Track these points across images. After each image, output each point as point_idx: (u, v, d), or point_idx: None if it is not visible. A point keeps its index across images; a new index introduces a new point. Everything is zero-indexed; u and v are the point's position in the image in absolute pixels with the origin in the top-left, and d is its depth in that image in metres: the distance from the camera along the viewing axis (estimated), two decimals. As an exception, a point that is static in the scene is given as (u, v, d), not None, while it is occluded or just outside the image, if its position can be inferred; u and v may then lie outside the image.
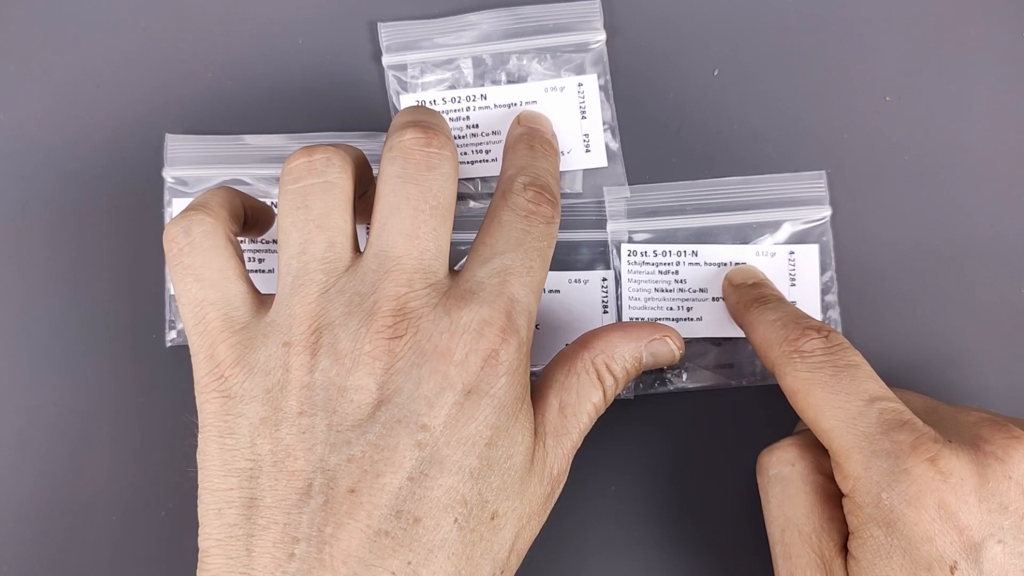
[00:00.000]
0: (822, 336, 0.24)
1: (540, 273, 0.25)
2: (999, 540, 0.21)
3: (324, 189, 0.24)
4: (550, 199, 0.25)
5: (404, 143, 0.24)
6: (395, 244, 0.23)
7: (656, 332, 0.26)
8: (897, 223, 0.32)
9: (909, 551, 0.21)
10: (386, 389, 0.22)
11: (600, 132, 0.32)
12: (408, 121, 0.25)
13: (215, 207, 0.25)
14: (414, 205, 0.24)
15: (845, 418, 0.23)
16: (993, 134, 0.32)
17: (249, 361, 0.23)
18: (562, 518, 0.30)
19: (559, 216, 0.26)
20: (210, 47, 0.33)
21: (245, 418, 0.23)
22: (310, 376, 0.22)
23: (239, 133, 0.31)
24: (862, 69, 0.33)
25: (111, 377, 0.31)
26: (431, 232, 0.24)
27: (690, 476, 0.30)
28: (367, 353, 0.22)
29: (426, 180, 0.24)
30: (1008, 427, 0.22)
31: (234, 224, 0.25)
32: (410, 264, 0.23)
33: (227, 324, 0.23)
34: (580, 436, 0.25)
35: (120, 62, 0.32)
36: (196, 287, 0.24)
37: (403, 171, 0.24)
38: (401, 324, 0.23)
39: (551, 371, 0.26)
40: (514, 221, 0.25)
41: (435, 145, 0.24)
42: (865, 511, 0.22)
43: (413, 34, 0.32)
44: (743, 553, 0.29)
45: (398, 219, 0.24)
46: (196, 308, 0.24)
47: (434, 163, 0.24)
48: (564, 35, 0.32)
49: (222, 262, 0.24)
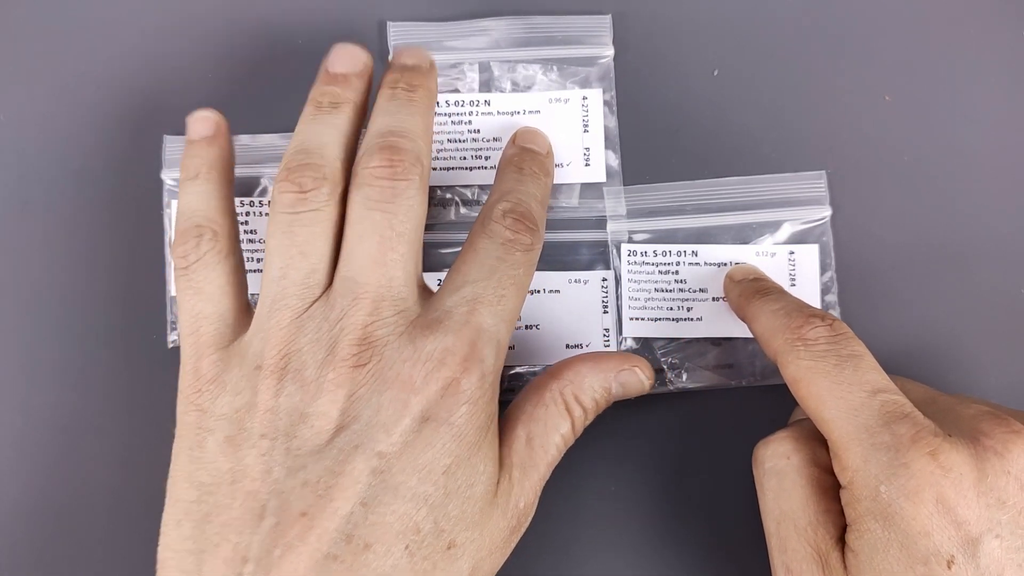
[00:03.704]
0: (826, 324, 0.24)
1: (513, 301, 0.24)
2: (997, 535, 0.21)
3: (311, 219, 0.24)
4: (530, 226, 0.25)
5: (370, 171, 0.24)
6: (362, 271, 0.24)
7: (625, 363, 0.26)
8: (897, 223, 0.32)
9: (906, 545, 0.21)
10: (346, 416, 0.23)
11: (601, 147, 0.32)
12: (378, 140, 0.25)
13: (221, 220, 0.26)
14: (380, 232, 0.24)
15: (846, 409, 0.23)
16: (993, 134, 0.32)
17: (224, 380, 0.24)
18: (562, 518, 0.30)
19: (540, 243, 0.26)
20: (210, 47, 0.33)
21: (213, 434, 0.23)
22: (275, 400, 0.23)
23: (240, 133, 0.31)
24: (862, 69, 0.33)
25: (111, 378, 0.31)
26: (398, 259, 0.24)
27: (690, 476, 0.30)
28: (330, 380, 0.23)
29: (391, 207, 0.24)
30: (1008, 421, 0.22)
31: (236, 243, 0.26)
32: (377, 292, 0.24)
33: (217, 339, 0.24)
34: (548, 468, 0.25)
35: (120, 62, 0.32)
36: (196, 299, 0.25)
37: (368, 199, 0.24)
38: (365, 352, 0.23)
39: (520, 402, 0.26)
40: (490, 249, 0.25)
41: (401, 171, 0.24)
42: (863, 504, 0.22)
43: (422, 35, 0.32)
44: (743, 553, 0.29)
45: (365, 246, 0.24)
46: (192, 320, 0.25)
47: (400, 189, 0.24)
48: (573, 47, 0.32)
49: (224, 278, 0.25)
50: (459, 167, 0.31)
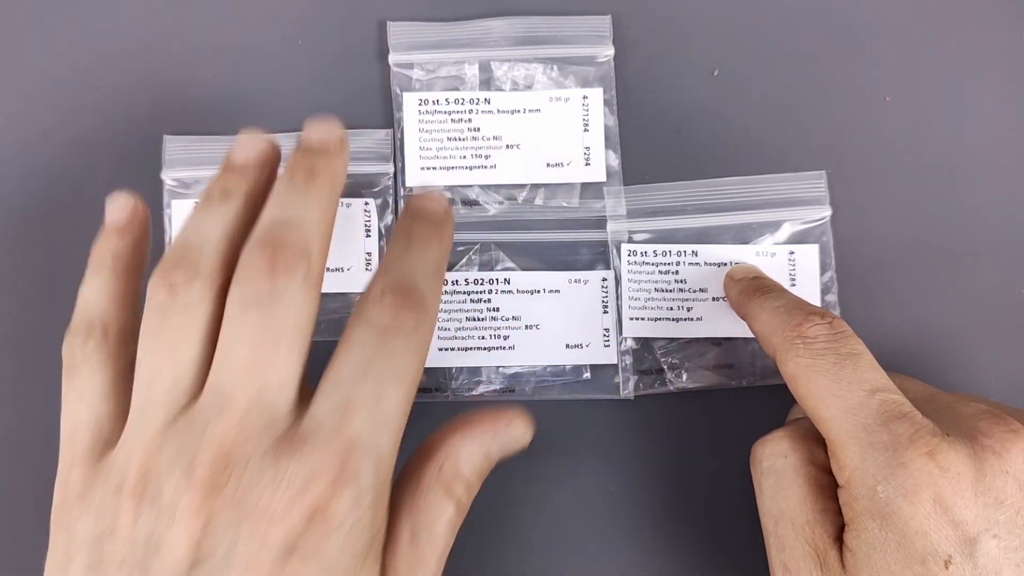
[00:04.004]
0: (825, 322, 0.24)
1: (395, 400, 0.21)
2: (994, 535, 0.21)
3: (180, 320, 0.22)
4: (414, 303, 0.22)
5: (248, 266, 0.22)
6: (231, 378, 0.21)
7: (498, 422, 0.23)
8: (897, 223, 0.32)
9: (904, 544, 0.21)
10: (201, 549, 0.20)
11: (601, 147, 0.32)
12: (261, 232, 0.22)
13: (115, 315, 0.24)
14: (254, 334, 0.21)
15: (845, 408, 0.23)
16: (993, 134, 0.32)
17: (89, 499, 0.22)
18: (562, 517, 0.30)
19: (430, 320, 0.23)
20: (210, 47, 0.33)
21: (75, 561, 0.21)
22: (133, 527, 0.21)
23: (240, 133, 0.31)
24: (862, 69, 0.33)
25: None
26: (272, 363, 0.21)
27: (690, 476, 0.30)
28: (184, 507, 0.20)
29: (269, 306, 0.21)
30: (1006, 420, 0.22)
31: (131, 342, 0.24)
32: (244, 403, 0.21)
33: (91, 448, 0.22)
34: (440, 561, 0.23)
35: (120, 63, 0.32)
36: (76, 404, 0.23)
37: (244, 297, 0.22)
38: (222, 475, 0.20)
39: (399, 491, 0.23)
40: (365, 339, 0.22)
41: (283, 266, 0.22)
42: (860, 503, 0.22)
43: (422, 34, 0.32)
44: (743, 552, 0.29)
45: (237, 350, 0.21)
46: (70, 425, 0.23)
47: (280, 286, 0.21)
48: (573, 47, 0.32)
49: (107, 383, 0.23)
50: (459, 167, 0.31)
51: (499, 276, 0.31)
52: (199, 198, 0.24)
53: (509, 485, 0.30)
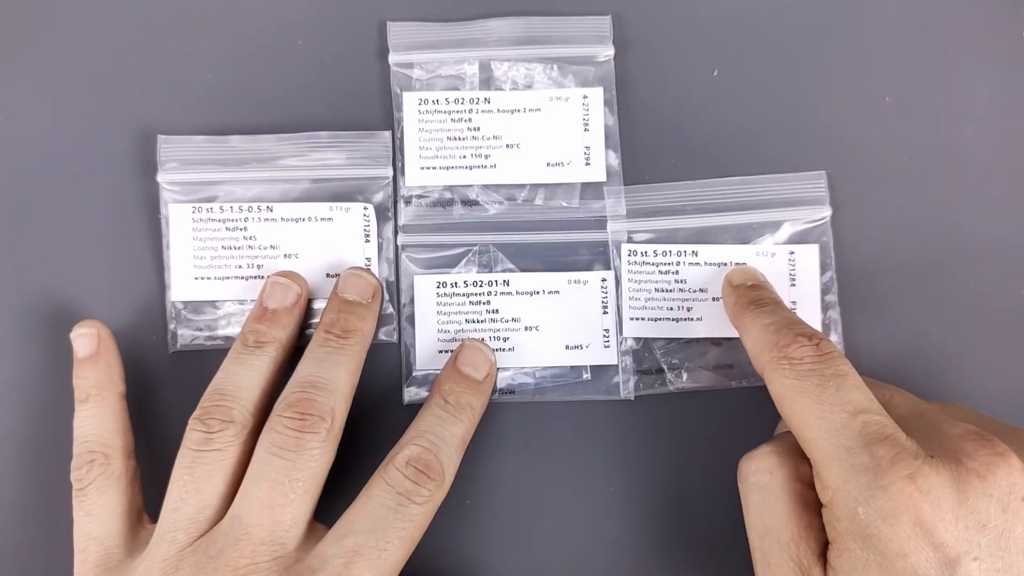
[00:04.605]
0: (812, 344, 0.24)
1: (395, 555, 0.25)
2: (975, 557, 0.21)
3: (212, 458, 0.25)
4: (433, 477, 0.25)
5: (281, 419, 0.25)
6: (250, 513, 0.24)
7: None
8: (897, 223, 0.32)
9: (885, 566, 0.21)
10: None
11: (601, 146, 0.32)
12: (295, 390, 0.26)
13: (112, 441, 0.27)
14: (275, 478, 0.25)
15: (828, 429, 0.23)
16: (993, 134, 0.32)
17: None
18: (562, 517, 0.30)
19: (444, 491, 0.26)
20: (210, 47, 0.33)
21: None
22: None
23: (241, 133, 0.31)
24: (862, 69, 0.33)
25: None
26: (288, 504, 0.25)
27: (690, 476, 0.30)
28: None
29: (293, 455, 0.25)
30: (992, 443, 0.22)
31: (130, 458, 0.28)
32: (259, 535, 0.24)
33: (104, 560, 0.26)
34: None
35: (120, 63, 0.32)
36: (87, 521, 0.26)
37: (273, 444, 0.25)
38: None
39: None
40: (384, 498, 0.25)
41: (310, 425, 0.25)
42: (842, 523, 0.22)
43: (422, 34, 0.32)
44: (742, 552, 0.29)
45: (259, 489, 0.25)
46: (83, 540, 0.26)
47: (305, 441, 0.25)
48: (573, 47, 0.32)
49: (115, 500, 0.26)
50: (459, 166, 0.31)
51: (498, 278, 0.31)
52: (234, 345, 0.28)
53: (509, 485, 0.30)
